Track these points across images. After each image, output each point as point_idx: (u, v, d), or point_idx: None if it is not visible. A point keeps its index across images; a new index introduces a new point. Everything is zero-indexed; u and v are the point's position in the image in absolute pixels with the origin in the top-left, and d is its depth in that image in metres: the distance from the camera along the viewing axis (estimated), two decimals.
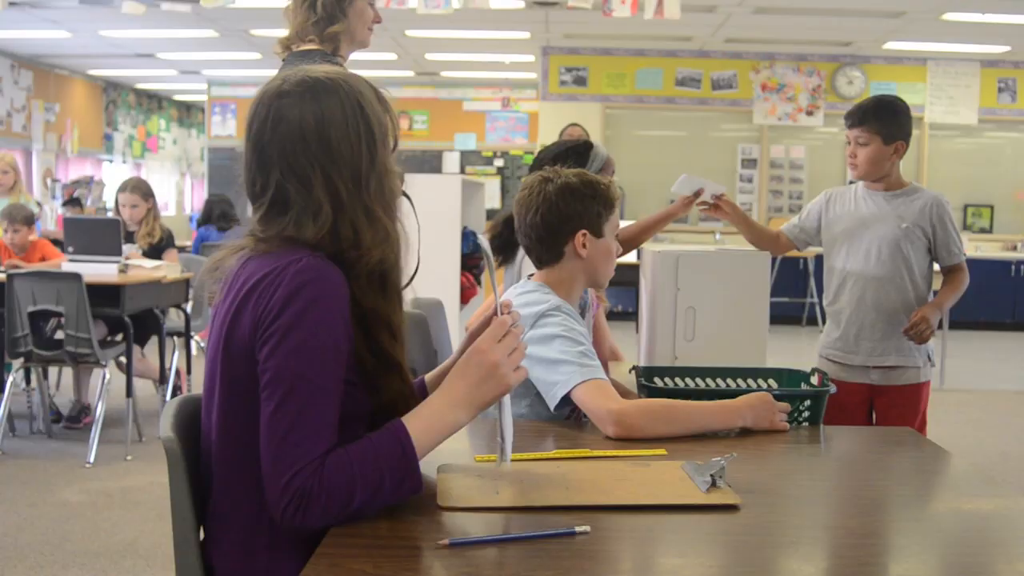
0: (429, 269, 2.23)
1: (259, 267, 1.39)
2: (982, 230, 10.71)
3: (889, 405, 2.96)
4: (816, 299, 9.49)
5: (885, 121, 2.88)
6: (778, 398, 1.99)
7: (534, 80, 11.32)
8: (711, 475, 1.52)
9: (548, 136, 10.99)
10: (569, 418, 2.01)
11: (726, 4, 8.37)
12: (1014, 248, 10.44)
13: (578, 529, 1.31)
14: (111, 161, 13.75)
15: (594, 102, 10.51)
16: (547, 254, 2.10)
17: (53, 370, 5.90)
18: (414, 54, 10.87)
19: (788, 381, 2.29)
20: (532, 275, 2.17)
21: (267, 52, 9.37)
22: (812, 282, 9.76)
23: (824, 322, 3.18)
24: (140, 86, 14.11)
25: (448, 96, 12.67)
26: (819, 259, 4.40)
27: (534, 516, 1.38)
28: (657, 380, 2.29)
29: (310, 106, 1.42)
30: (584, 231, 2.06)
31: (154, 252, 5.38)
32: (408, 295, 1.56)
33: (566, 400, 1.90)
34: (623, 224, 2.56)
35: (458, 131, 12.60)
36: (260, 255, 1.41)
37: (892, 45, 9.85)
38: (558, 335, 1.93)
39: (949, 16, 8.53)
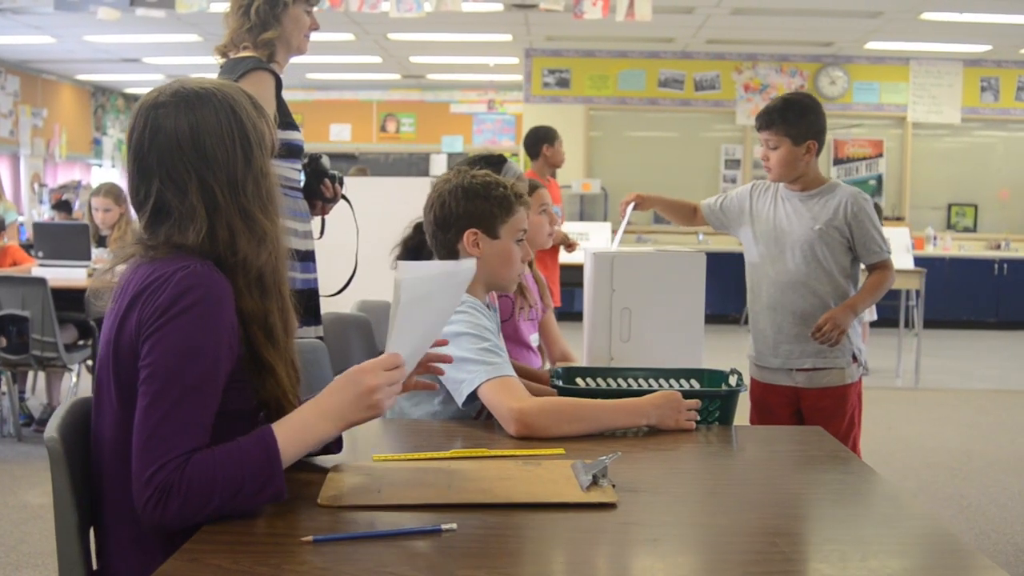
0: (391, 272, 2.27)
1: (148, 273, 1.44)
2: (966, 229, 10.73)
3: (813, 408, 2.95)
4: None
5: (792, 122, 2.85)
6: (689, 397, 2.02)
7: (519, 82, 11.33)
8: (593, 474, 1.54)
9: None
10: (480, 416, 2.03)
11: (704, 5, 8.40)
12: (998, 247, 10.46)
13: (444, 527, 1.34)
14: (100, 166, 13.79)
15: (577, 104, 10.54)
16: (441, 251, 2.14)
17: (30, 374, 5.92)
18: (398, 57, 10.91)
19: (708, 381, 2.31)
20: None
21: None
22: None
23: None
24: (129, 90, 14.16)
25: (435, 99, 12.71)
26: None
27: (410, 514, 1.41)
28: (581, 381, 2.32)
29: (185, 115, 1.47)
30: (475, 230, 2.09)
31: None
32: (354, 299, 1.60)
33: (475, 396, 1.93)
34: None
35: (445, 133, 12.64)
36: (149, 261, 1.46)
37: (873, 45, 9.88)
38: (464, 332, 1.96)
39: (927, 16, 8.55)
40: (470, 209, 2.09)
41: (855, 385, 2.96)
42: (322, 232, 2.84)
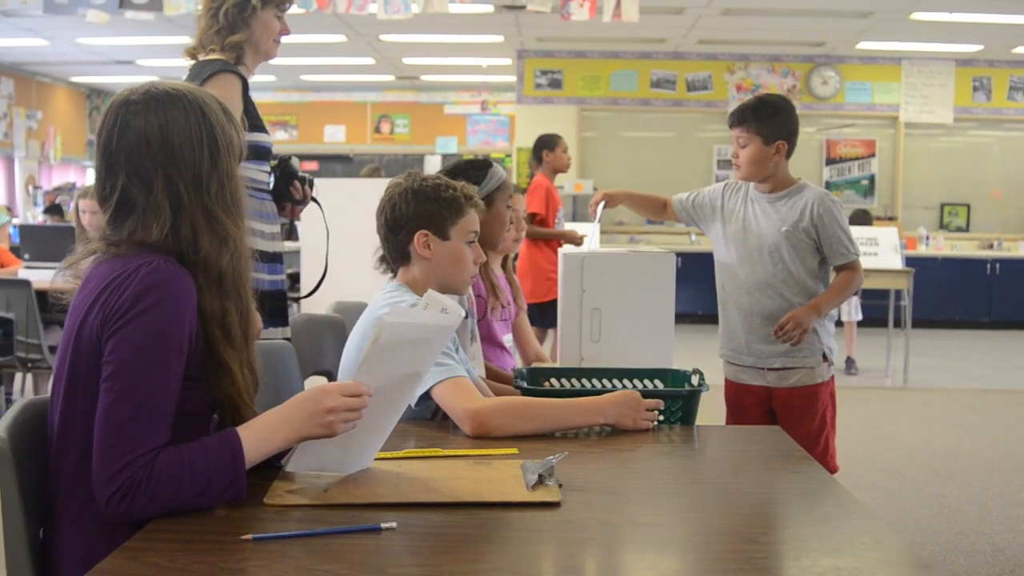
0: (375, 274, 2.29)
1: (112, 269, 1.46)
2: (958, 229, 10.73)
3: (784, 407, 2.96)
4: None
5: (764, 121, 2.87)
6: (651, 397, 2.03)
7: (512, 83, 11.35)
8: (539, 473, 1.56)
9: (526, 139, 11.03)
10: (435, 416, 2.04)
11: (694, 6, 8.41)
12: (990, 247, 10.46)
13: (384, 525, 1.36)
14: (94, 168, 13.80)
15: (569, 104, 10.55)
16: (393, 252, 2.17)
17: (17, 376, 5.94)
18: (391, 58, 10.92)
19: (672, 381, 2.32)
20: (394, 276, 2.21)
21: None
22: None
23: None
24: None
25: (429, 100, 12.72)
26: None
27: (356, 512, 1.43)
28: (555, 381, 2.34)
29: (155, 114, 1.51)
30: (425, 232, 2.11)
31: None
32: (330, 300, 1.62)
33: (428, 396, 1.94)
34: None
35: (439, 134, 12.65)
36: (112, 258, 1.48)
37: (865, 45, 9.88)
38: None
39: (918, 16, 8.56)
40: (420, 211, 2.12)
41: (826, 384, 2.97)
42: (291, 234, 2.85)
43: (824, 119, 10.55)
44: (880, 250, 6.98)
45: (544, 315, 5.36)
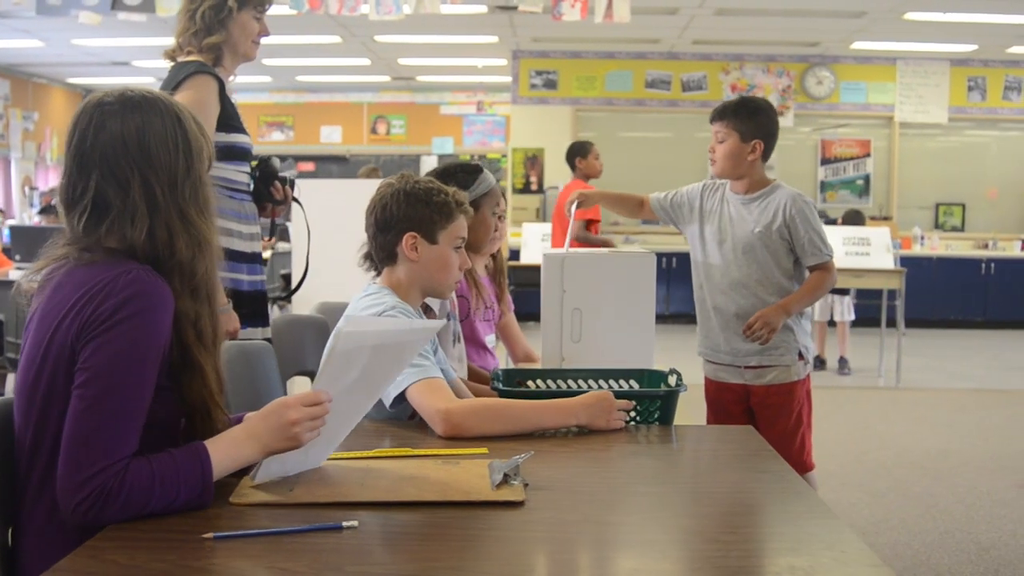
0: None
1: (88, 276, 1.45)
2: (953, 228, 10.74)
3: (761, 404, 2.99)
4: None
5: (743, 118, 2.92)
6: (627, 398, 2.04)
7: (508, 84, 11.35)
8: (505, 473, 1.57)
9: (521, 139, 11.05)
10: (414, 417, 2.05)
11: (688, 6, 8.42)
12: (985, 246, 10.46)
13: (345, 524, 1.37)
14: None
15: (564, 105, 10.56)
16: (380, 253, 2.17)
17: (9, 377, 5.95)
18: (386, 59, 10.93)
19: (650, 381, 2.33)
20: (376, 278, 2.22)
21: None
22: None
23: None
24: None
25: (425, 100, 12.73)
26: None
27: (319, 512, 1.44)
28: (532, 383, 2.35)
29: (131, 117, 1.51)
30: (413, 234, 2.11)
31: None
32: (315, 300, 1.62)
33: (403, 398, 1.95)
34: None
35: (435, 135, 12.66)
36: (87, 265, 1.47)
37: (860, 45, 9.89)
38: None
39: (911, 15, 8.57)
40: (410, 213, 2.13)
41: (802, 383, 2.99)
42: (272, 234, 2.86)
43: (819, 119, 10.55)
44: (872, 250, 6.98)
45: None
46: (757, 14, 8.69)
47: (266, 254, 8.32)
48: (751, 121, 2.91)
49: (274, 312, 6.00)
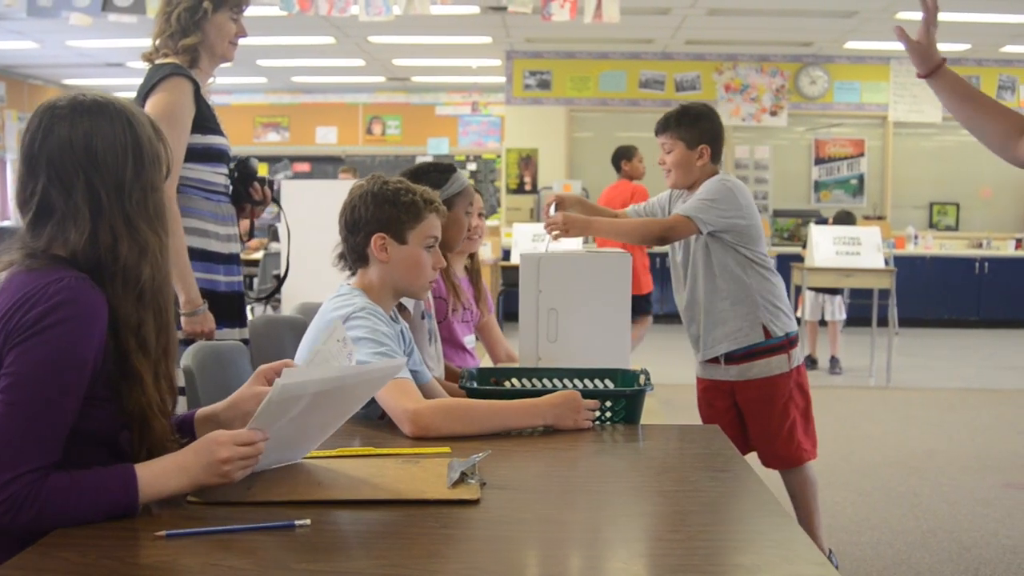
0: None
1: (24, 283, 1.44)
2: (948, 228, 10.75)
3: (746, 400, 3.03)
4: None
5: (686, 126, 2.99)
6: (595, 397, 2.06)
7: (502, 84, 11.37)
8: (462, 471, 1.58)
9: (516, 139, 11.06)
10: (384, 416, 2.06)
11: (680, 6, 8.43)
12: (979, 246, 10.47)
13: (298, 522, 1.38)
14: None
15: (558, 105, 10.57)
16: (352, 255, 2.18)
17: None
18: (381, 60, 10.94)
19: (622, 381, 2.34)
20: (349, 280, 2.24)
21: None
22: None
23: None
24: (116, 95, 14.18)
25: (420, 101, 12.73)
26: None
27: (274, 510, 1.45)
28: (508, 382, 2.36)
29: (80, 121, 1.51)
30: (382, 235, 2.12)
31: None
32: (295, 301, 1.60)
33: (373, 399, 1.96)
34: None
35: (431, 135, 12.66)
36: (27, 271, 1.47)
37: (853, 45, 9.90)
38: (362, 337, 1.99)
39: (904, 15, 8.56)
40: (378, 214, 2.14)
41: (787, 375, 2.98)
42: (251, 235, 2.87)
43: (813, 119, 10.56)
44: (863, 250, 6.98)
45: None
46: (750, 14, 8.70)
47: (259, 255, 8.41)
48: (694, 128, 2.99)
49: (267, 312, 6.02)
